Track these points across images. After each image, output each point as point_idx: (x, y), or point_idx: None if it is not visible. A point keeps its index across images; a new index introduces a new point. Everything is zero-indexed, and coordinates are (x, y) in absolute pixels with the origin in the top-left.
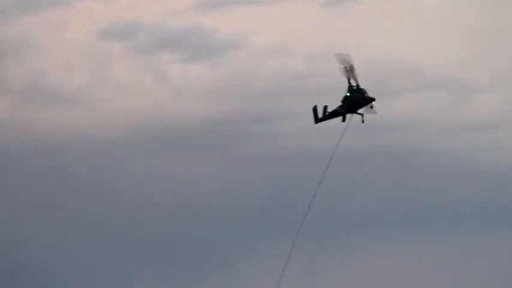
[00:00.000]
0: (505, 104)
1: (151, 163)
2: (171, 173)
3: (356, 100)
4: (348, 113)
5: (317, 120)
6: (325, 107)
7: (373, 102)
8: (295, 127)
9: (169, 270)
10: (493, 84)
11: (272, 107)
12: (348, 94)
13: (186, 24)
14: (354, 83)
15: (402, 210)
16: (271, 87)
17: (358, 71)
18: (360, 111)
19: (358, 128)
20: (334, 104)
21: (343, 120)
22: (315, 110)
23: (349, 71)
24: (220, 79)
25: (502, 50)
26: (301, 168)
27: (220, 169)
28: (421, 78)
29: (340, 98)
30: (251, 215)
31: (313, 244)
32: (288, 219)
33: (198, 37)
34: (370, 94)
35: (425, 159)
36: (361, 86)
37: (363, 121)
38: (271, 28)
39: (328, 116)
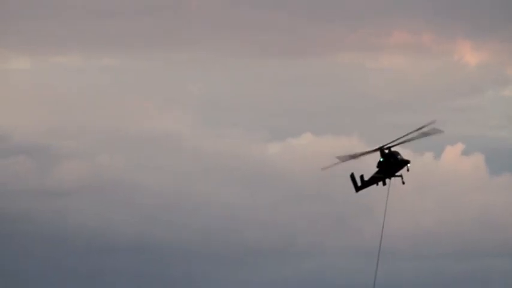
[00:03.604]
0: (88, 171)
1: None
2: None
3: (391, 164)
4: (386, 177)
5: (358, 188)
6: (362, 176)
7: (409, 165)
8: None
9: None
10: (77, 152)
11: None
12: (381, 160)
13: None
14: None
15: None
16: None
17: None
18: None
19: None
20: None
21: (384, 184)
22: (353, 177)
23: (356, 157)
24: None
25: (88, 120)
26: None
27: None
28: (6, 144)
29: None
30: None
31: None
32: None
33: None
34: None
35: (11, 224)
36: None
37: (403, 182)
38: None
39: (368, 182)
